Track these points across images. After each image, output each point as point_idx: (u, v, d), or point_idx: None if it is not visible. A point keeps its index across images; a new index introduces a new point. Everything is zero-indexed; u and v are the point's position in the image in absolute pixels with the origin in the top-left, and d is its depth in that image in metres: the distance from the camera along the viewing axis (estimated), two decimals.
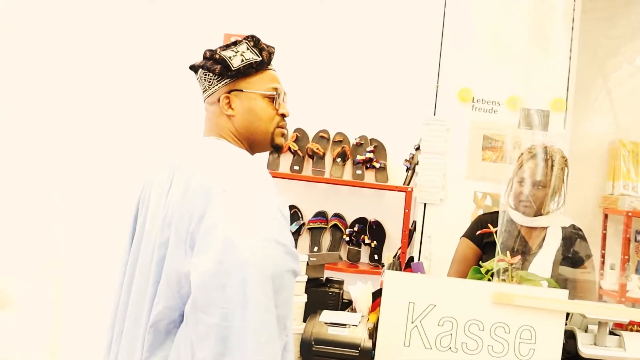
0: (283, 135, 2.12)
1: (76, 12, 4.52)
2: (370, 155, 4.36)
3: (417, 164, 4.25)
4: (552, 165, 3.01)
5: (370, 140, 4.46)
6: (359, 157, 4.36)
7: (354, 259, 4.36)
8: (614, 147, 4.35)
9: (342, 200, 4.51)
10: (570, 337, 2.23)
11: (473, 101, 4.21)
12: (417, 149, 4.31)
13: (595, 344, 2.26)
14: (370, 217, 4.45)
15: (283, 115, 2.07)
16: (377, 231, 4.42)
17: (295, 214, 4.42)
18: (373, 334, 2.26)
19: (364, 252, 4.40)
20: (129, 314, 1.87)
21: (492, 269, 2.28)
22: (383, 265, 4.29)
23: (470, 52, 4.18)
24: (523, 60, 4.14)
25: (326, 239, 4.43)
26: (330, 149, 4.44)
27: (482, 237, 3.11)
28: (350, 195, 4.51)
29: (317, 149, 4.35)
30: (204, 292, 1.60)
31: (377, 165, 4.36)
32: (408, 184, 4.29)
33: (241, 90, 2.00)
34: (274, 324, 1.61)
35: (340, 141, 4.43)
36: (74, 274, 4.36)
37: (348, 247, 4.39)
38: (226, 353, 1.58)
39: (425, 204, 4.19)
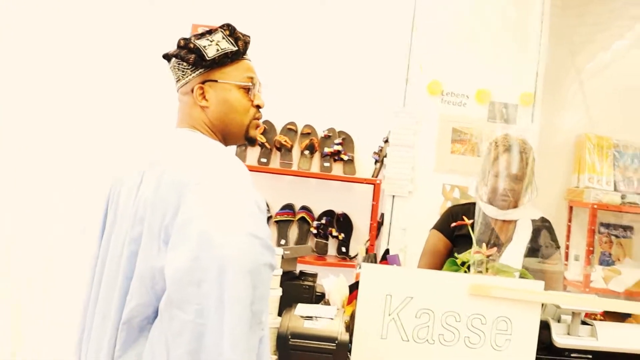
0: (257, 127, 2.08)
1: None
2: (339, 147, 4.35)
3: (386, 156, 4.25)
4: (527, 158, 3.01)
5: (339, 132, 4.44)
6: (327, 150, 4.35)
7: (321, 251, 4.35)
8: (579, 141, 4.40)
9: (309, 192, 4.49)
10: (544, 328, 2.24)
11: (442, 94, 4.23)
12: (386, 141, 4.31)
13: (568, 334, 2.28)
14: (338, 210, 4.44)
15: (258, 107, 2.03)
16: (344, 224, 4.41)
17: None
18: (349, 326, 2.25)
19: (332, 245, 4.39)
20: (97, 311, 1.82)
21: (468, 261, 2.28)
22: (351, 258, 4.29)
23: (440, 45, 4.19)
24: (493, 54, 4.18)
25: (293, 231, 4.41)
26: (298, 141, 4.42)
27: (452, 230, 3.11)
28: (317, 187, 4.49)
29: (285, 141, 4.32)
30: (178, 288, 1.57)
31: (345, 157, 4.35)
32: (376, 177, 4.28)
33: (216, 81, 1.94)
34: (250, 320, 1.58)
35: (308, 133, 4.41)
36: (37, 270, 4.27)
37: (315, 239, 4.38)
38: (201, 350, 1.55)
39: (393, 197, 4.20)
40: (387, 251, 2.45)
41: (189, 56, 1.92)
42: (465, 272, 2.29)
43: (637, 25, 4.22)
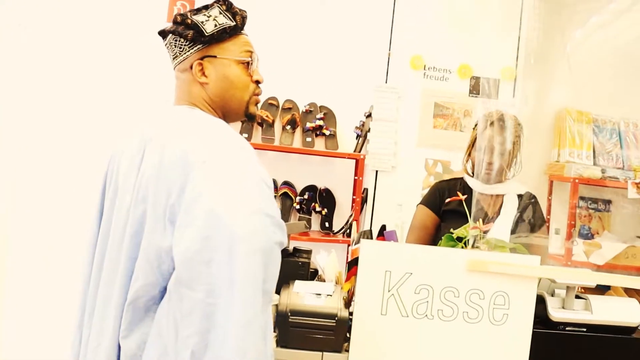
0: (257, 103, 2.06)
1: None
2: (320, 122, 4.33)
3: (368, 131, 4.25)
4: (510, 133, 3.03)
5: (320, 107, 4.42)
6: (308, 125, 4.33)
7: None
8: (560, 115, 4.43)
9: (291, 168, 4.47)
10: (539, 302, 2.26)
11: (424, 69, 4.23)
12: (368, 116, 4.31)
13: (563, 308, 2.31)
14: (320, 185, 4.43)
15: (257, 82, 2.01)
16: (327, 199, 4.41)
17: None
18: (348, 303, 2.25)
19: (315, 220, 4.39)
20: (99, 293, 1.79)
21: (465, 237, 2.29)
22: (335, 233, 4.30)
23: (422, 20, 4.18)
24: (474, 29, 4.17)
25: None
26: (279, 116, 4.39)
27: (440, 205, 3.13)
28: (299, 163, 4.47)
29: (267, 116, 4.29)
30: (188, 268, 1.55)
31: (327, 132, 4.33)
32: (359, 152, 4.28)
33: (215, 57, 1.92)
34: (261, 299, 1.57)
35: (290, 108, 4.38)
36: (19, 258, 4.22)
37: (298, 215, 4.37)
38: (211, 329, 1.53)
39: (377, 171, 4.20)
40: (383, 227, 2.45)
41: (186, 32, 1.89)
42: (463, 247, 2.30)
43: (611, 3, 4.24)
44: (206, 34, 1.89)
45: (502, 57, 4.24)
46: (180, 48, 1.92)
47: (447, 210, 3.09)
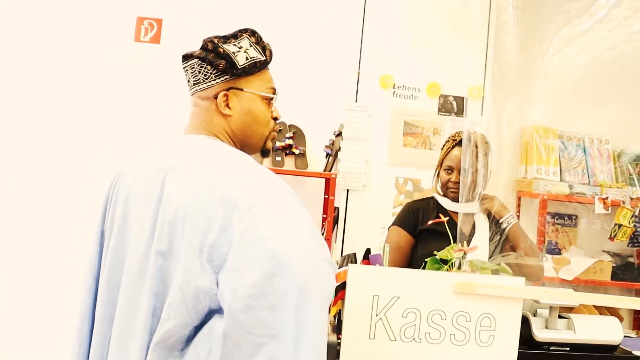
0: (274, 139, 2.03)
1: None
2: (290, 141, 4.32)
3: (339, 150, 4.25)
4: (477, 152, 3.05)
5: (289, 126, 4.41)
6: (278, 144, 4.31)
7: None
8: (526, 132, 4.49)
9: None
10: (524, 323, 2.28)
11: (394, 87, 4.25)
12: (338, 135, 4.32)
13: (547, 328, 2.33)
14: None
15: (275, 119, 1.98)
16: None
17: None
18: (336, 327, 2.24)
19: None
20: (116, 330, 1.70)
21: (450, 259, 2.30)
22: None
23: (392, 39, 4.21)
24: (443, 48, 4.22)
25: None
26: None
27: (415, 225, 3.14)
28: None
29: None
30: (250, 314, 1.47)
31: (297, 151, 4.33)
32: (330, 170, 4.28)
33: (241, 90, 1.88)
34: (325, 348, 1.53)
35: None
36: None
37: None
38: None
39: (347, 190, 4.21)
40: (368, 250, 2.45)
41: (218, 62, 1.85)
42: (448, 270, 2.31)
43: (574, 20, 4.32)
44: (239, 67, 1.86)
45: (470, 75, 4.29)
46: (205, 75, 1.87)
47: (424, 230, 3.11)
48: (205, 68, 1.86)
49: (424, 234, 3.11)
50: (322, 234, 4.18)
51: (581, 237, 4.52)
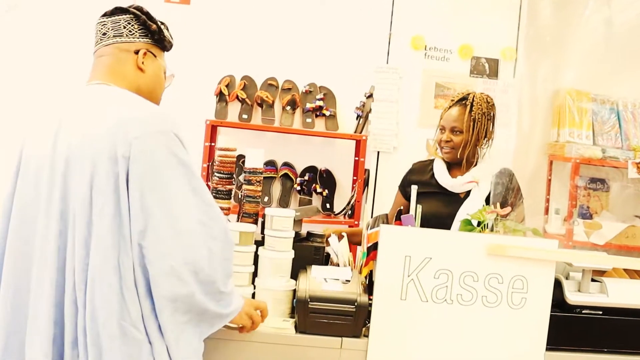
0: None
1: None
2: (320, 103, 4.30)
3: (369, 112, 4.23)
4: (471, 111, 2.97)
5: (320, 87, 4.39)
6: (308, 105, 4.30)
7: None
8: (559, 95, 4.43)
9: (291, 149, 4.45)
10: (556, 286, 2.27)
11: (425, 49, 4.21)
12: (369, 97, 4.29)
13: (579, 291, 2.32)
14: (320, 166, 4.41)
15: None
16: (327, 180, 4.39)
17: (244, 163, 4.33)
18: (367, 288, 2.24)
19: (316, 201, 4.38)
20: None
21: (482, 221, 2.29)
22: (336, 214, 4.29)
23: (424, 0, 4.16)
24: (475, 9, 4.17)
25: (276, 188, 4.38)
26: (279, 97, 4.36)
27: (407, 188, 3.07)
28: (299, 144, 4.45)
29: (266, 97, 4.26)
30: None
31: (327, 113, 4.31)
32: (360, 132, 4.27)
33: (155, 57, 2.06)
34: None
35: (289, 89, 4.35)
36: None
37: (299, 196, 4.36)
38: None
39: (378, 152, 4.20)
40: (399, 212, 2.44)
41: (150, 24, 2.03)
42: (480, 231, 2.30)
43: None
44: (164, 36, 2.08)
45: (502, 37, 4.24)
46: (130, 31, 2.01)
47: (420, 193, 2.99)
48: (133, 26, 2.02)
49: (420, 196, 3.02)
50: (353, 196, 4.19)
51: (613, 201, 4.47)
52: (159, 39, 2.05)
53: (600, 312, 2.28)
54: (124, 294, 1.72)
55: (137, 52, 2.00)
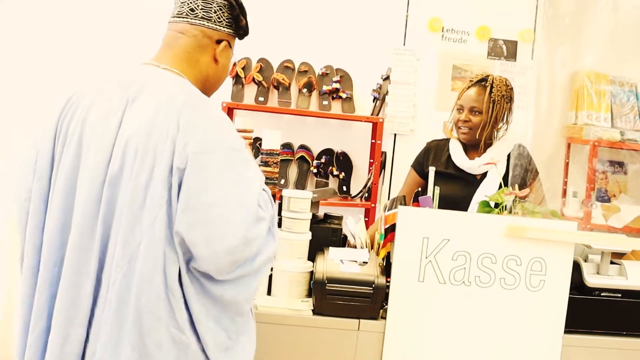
0: None
1: None
2: (337, 85, 4.28)
3: (386, 94, 4.22)
4: (490, 92, 2.96)
5: (336, 70, 4.37)
6: (325, 88, 4.28)
7: None
8: (577, 78, 4.39)
9: (307, 131, 4.43)
10: (575, 268, 2.25)
11: (443, 31, 4.19)
12: (385, 79, 4.27)
13: (598, 273, 2.31)
14: (337, 149, 4.40)
15: None
16: (344, 162, 4.38)
17: (261, 146, 4.33)
18: (385, 269, 2.24)
19: (332, 184, 4.37)
20: (70, 258, 1.70)
21: (501, 202, 2.28)
22: (352, 197, 4.28)
23: None
24: None
25: (293, 171, 4.38)
26: (295, 79, 4.34)
27: (425, 164, 3.06)
28: (316, 126, 4.44)
29: (283, 79, 4.25)
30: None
31: (344, 95, 4.29)
32: (377, 115, 4.25)
33: (231, 48, 1.97)
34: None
35: (306, 71, 4.33)
36: None
37: (316, 179, 4.35)
38: None
39: (395, 135, 4.18)
40: (417, 193, 2.44)
41: (241, 18, 1.94)
42: (498, 213, 2.29)
43: None
44: (247, 31, 1.98)
45: (520, 19, 4.20)
46: (219, 17, 1.89)
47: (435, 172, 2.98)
48: (224, 13, 1.90)
49: (436, 175, 3.01)
50: (369, 178, 4.18)
51: (632, 184, 4.43)
52: (242, 33, 1.97)
53: (620, 295, 2.28)
54: (170, 301, 1.65)
55: (218, 42, 1.91)
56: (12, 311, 3.51)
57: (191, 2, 1.88)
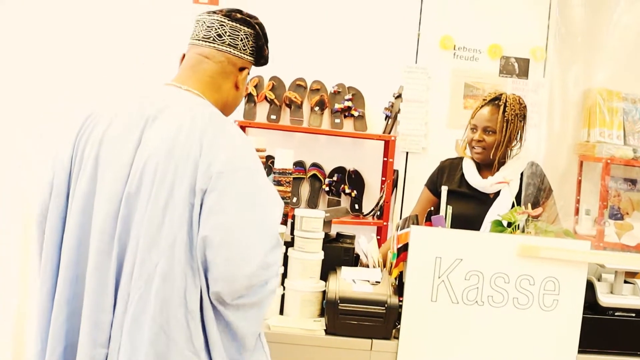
0: None
1: None
2: (349, 103, 4.30)
3: (398, 112, 4.22)
4: (504, 111, 2.96)
5: (348, 88, 4.39)
6: (337, 106, 4.29)
7: None
8: (589, 95, 4.39)
9: (319, 149, 4.45)
10: (588, 287, 2.25)
11: (454, 49, 4.20)
12: (397, 97, 4.28)
13: (612, 293, 2.29)
14: (349, 167, 4.41)
15: None
16: (356, 180, 4.39)
17: (273, 164, 4.35)
18: (397, 289, 2.24)
19: (344, 202, 4.37)
20: (91, 276, 1.69)
21: (514, 222, 2.28)
22: (364, 215, 4.28)
23: (452, 0, 4.14)
24: (505, 9, 4.14)
25: (305, 189, 4.38)
26: (307, 97, 4.36)
27: (439, 184, 3.06)
28: (328, 144, 4.45)
29: (295, 97, 4.26)
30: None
31: (356, 113, 4.30)
32: (389, 133, 4.26)
33: (248, 74, 1.97)
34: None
35: (318, 89, 4.35)
36: None
37: (328, 197, 4.36)
38: None
39: (407, 153, 4.19)
40: (430, 212, 2.44)
41: (264, 49, 1.96)
42: (511, 232, 2.29)
43: None
44: (267, 61, 2.00)
45: (532, 36, 4.21)
46: (244, 45, 1.90)
47: (449, 191, 2.99)
48: (249, 41, 1.91)
49: (450, 194, 3.01)
50: (381, 196, 4.18)
51: None
52: (263, 62, 1.98)
53: (634, 315, 2.26)
54: (190, 324, 1.65)
55: (241, 70, 1.92)
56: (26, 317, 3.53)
57: (219, 28, 1.88)
